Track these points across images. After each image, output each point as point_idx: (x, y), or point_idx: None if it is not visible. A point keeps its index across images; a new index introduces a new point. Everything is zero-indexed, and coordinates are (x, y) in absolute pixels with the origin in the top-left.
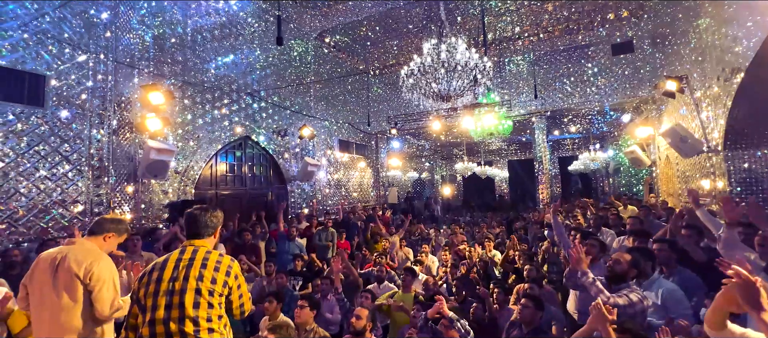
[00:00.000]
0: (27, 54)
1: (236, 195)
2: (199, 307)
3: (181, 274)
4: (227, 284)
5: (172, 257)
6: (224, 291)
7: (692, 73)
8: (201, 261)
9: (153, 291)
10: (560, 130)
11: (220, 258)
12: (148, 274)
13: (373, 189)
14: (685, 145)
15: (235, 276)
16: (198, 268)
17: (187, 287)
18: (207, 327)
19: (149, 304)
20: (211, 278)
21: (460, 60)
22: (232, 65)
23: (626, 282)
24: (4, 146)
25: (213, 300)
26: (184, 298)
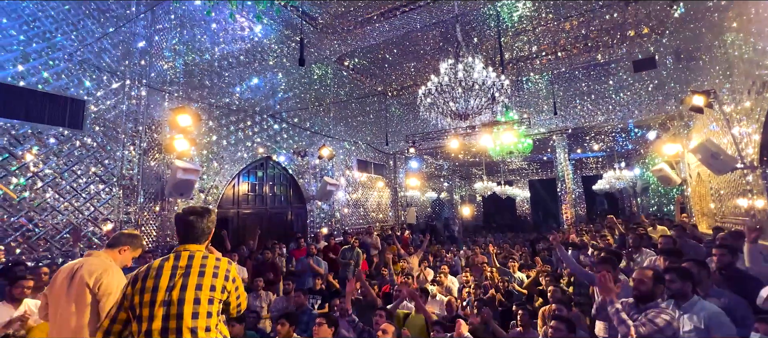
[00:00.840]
0: (70, 81)
1: (257, 214)
2: (198, 317)
3: (179, 283)
4: (226, 289)
5: (167, 264)
6: (223, 297)
7: (720, 87)
8: (198, 268)
9: (149, 300)
10: (583, 148)
11: (218, 263)
12: (142, 280)
13: (391, 210)
14: (717, 162)
15: (232, 280)
16: (196, 276)
17: (185, 298)
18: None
19: (146, 314)
20: (210, 285)
21: (477, 78)
22: (255, 88)
23: (654, 300)
24: (45, 166)
25: (212, 309)
26: (183, 309)
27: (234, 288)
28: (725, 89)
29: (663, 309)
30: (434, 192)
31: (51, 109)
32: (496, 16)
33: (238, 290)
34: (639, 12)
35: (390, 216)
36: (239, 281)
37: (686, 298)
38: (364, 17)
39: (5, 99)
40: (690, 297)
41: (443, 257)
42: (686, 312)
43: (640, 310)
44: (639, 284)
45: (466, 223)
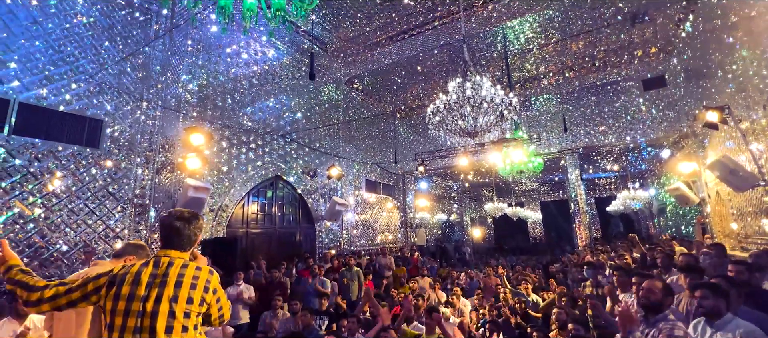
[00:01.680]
0: (89, 102)
1: (266, 233)
2: (172, 332)
3: (154, 294)
4: (205, 301)
5: (145, 270)
6: (201, 309)
7: (734, 104)
8: (176, 278)
9: (123, 309)
10: (595, 168)
11: (198, 273)
12: (117, 285)
13: (400, 231)
14: (736, 178)
15: (213, 291)
16: (172, 287)
17: (160, 311)
18: None
19: (118, 323)
20: (186, 297)
21: (485, 96)
22: (266, 109)
23: (663, 312)
24: (61, 184)
25: (188, 322)
26: (156, 323)
27: (214, 300)
28: (739, 106)
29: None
30: (444, 214)
31: (70, 128)
32: (503, 38)
33: (221, 302)
34: (646, 32)
35: (399, 237)
36: (221, 292)
37: (719, 316)
38: (373, 41)
39: (27, 118)
40: (724, 315)
41: (454, 279)
42: (720, 329)
43: (650, 324)
44: (649, 293)
45: (476, 246)
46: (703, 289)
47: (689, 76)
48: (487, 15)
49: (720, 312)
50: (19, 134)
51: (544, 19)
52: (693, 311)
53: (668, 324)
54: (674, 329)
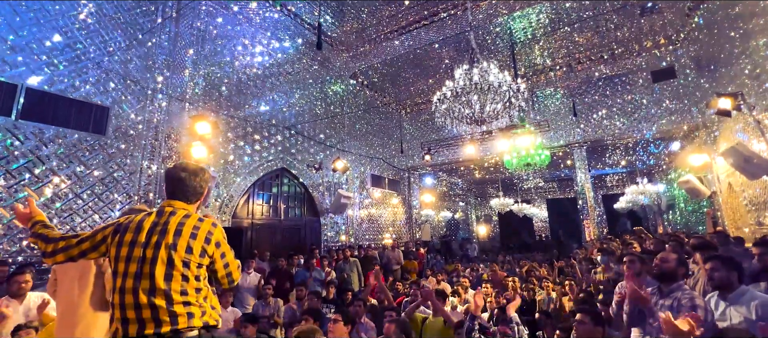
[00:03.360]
0: (96, 89)
1: (271, 226)
2: (172, 279)
3: (153, 240)
4: (206, 253)
5: (148, 219)
6: (203, 261)
7: (748, 93)
8: (175, 227)
9: (125, 255)
10: (603, 163)
11: (199, 224)
12: (121, 233)
13: (405, 226)
14: (750, 165)
15: (216, 244)
16: (172, 235)
17: (158, 256)
18: (181, 300)
19: (121, 269)
20: (185, 246)
21: (493, 82)
22: (272, 102)
23: (677, 281)
24: (68, 169)
25: (188, 272)
26: (155, 269)
27: (219, 254)
28: (753, 94)
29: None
30: (449, 211)
31: (77, 115)
32: (509, 29)
33: (226, 258)
34: (654, 24)
35: (404, 232)
36: (226, 247)
37: (732, 288)
38: (379, 34)
39: (34, 103)
40: (736, 287)
41: (460, 272)
42: (733, 303)
43: (664, 294)
44: (662, 263)
45: (482, 244)
46: (714, 261)
47: (700, 66)
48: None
49: (731, 285)
50: (27, 118)
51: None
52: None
53: (686, 294)
54: (694, 299)
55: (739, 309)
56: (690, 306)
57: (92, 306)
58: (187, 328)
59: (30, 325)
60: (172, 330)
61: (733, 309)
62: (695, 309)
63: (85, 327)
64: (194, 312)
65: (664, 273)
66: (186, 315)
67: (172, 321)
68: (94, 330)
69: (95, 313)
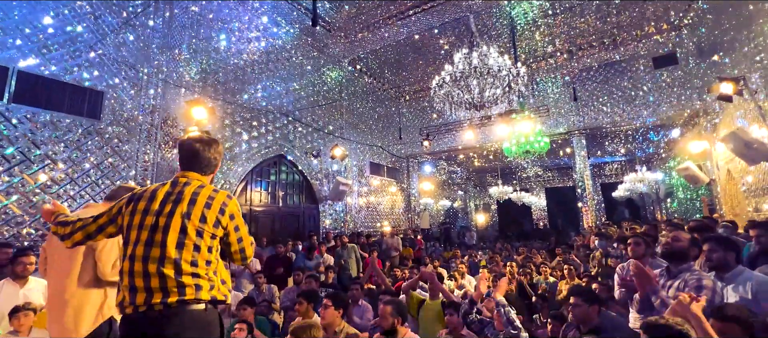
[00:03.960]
0: (89, 72)
1: (269, 213)
2: (183, 248)
3: (167, 209)
4: (220, 223)
5: (162, 189)
6: (217, 232)
7: (750, 78)
8: (190, 196)
9: (138, 223)
10: (602, 151)
11: (214, 194)
12: (135, 201)
13: (404, 214)
14: (750, 151)
15: (230, 216)
16: (186, 204)
17: (171, 224)
18: (191, 271)
19: (133, 237)
20: (200, 216)
21: (492, 65)
22: (269, 88)
23: (687, 262)
24: (63, 154)
25: (201, 242)
26: (167, 237)
27: (232, 227)
28: (756, 78)
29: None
30: (448, 200)
31: (71, 99)
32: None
33: (240, 231)
34: (657, 8)
35: (403, 220)
36: (241, 221)
37: (728, 268)
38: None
39: (27, 86)
40: (733, 268)
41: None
42: (729, 283)
43: (673, 275)
44: (674, 241)
45: (480, 232)
46: (711, 242)
47: (703, 51)
48: None
49: (728, 265)
50: (19, 102)
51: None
52: None
53: (694, 274)
54: (702, 279)
55: (736, 289)
56: (696, 287)
57: (84, 284)
58: (194, 300)
59: (28, 307)
60: (179, 300)
61: (730, 289)
62: (700, 289)
63: (77, 303)
64: (202, 285)
65: (674, 252)
66: (194, 287)
67: (179, 291)
68: (87, 307)
69: (87, 290)
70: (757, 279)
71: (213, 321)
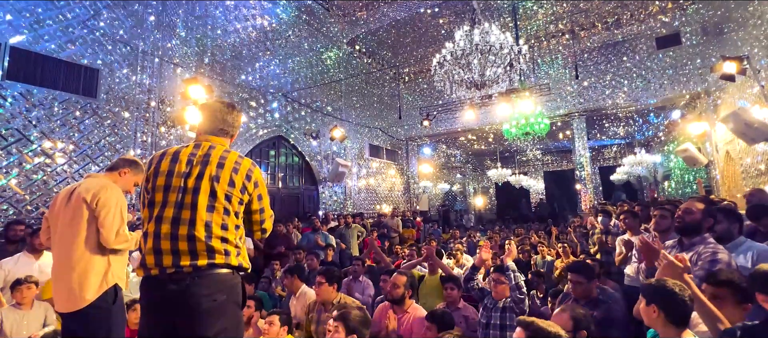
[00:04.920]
0: (84, 49)
1: (268, 194)
2: (214, 211)
3: (195, 171)
4: (246, 189)
5: (185, 150)
6: (243, 198)
7: (754, 57)
8: (218, 159)
9: (163, 184)
10: (601, 133)
11: (240, 160)
12: (156, 163)
13: (404, 196)
14: (751, 130)
15: (255, 183)
16: (214, 167)
17: (201, 187)
18: (221, 235)
19: (159, 199)
20: (229, 179)
21: (494, 42)
22: (268, 68)
23: (700, 234)
24: (60, 132)
25: (230, 206)
26: (197, 199)
27: (256, 195)
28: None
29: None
30: (447, 183)
31: (65, 76)
32: None
33: (263, 201)
34: None
35: (402, 203)
36: (264, 191)
37: (731, 239)
38: None
39: (20, 63)
40: (736, 238)
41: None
42: (731, 252)
43: (686, 247)
44: (686, 214)
45: (479, 215)
46: (719, 213)
47: (707, 32)
48: None
49: (732, 236)
50: (13, 79)
51: None
52: None
53: (708, 247)
54: (717, 253)
55: (736, 259)
56: (710, 260)
57: (88, 250)
58: (223, 265)
59: (30, 280)
60: (209, 263)
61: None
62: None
63: (82, 269)
64: (231, 250)
65: (687, 225)
66: (223, 252)
67: (209, 255)
68: (92, 273)
69: (91, 257)
70: (758, 250)
71: (237, 286)
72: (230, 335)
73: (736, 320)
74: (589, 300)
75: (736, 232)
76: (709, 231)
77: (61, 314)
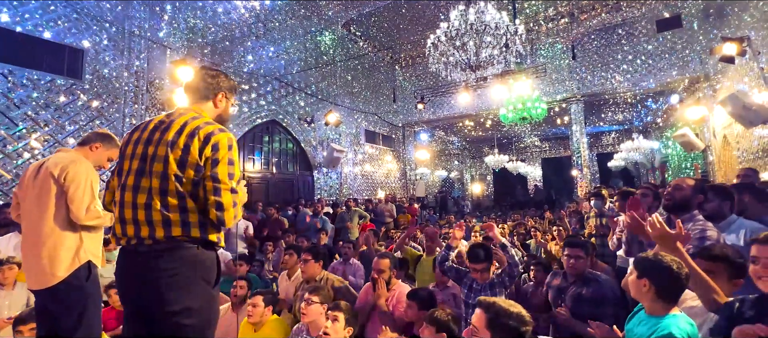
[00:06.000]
0: (67, 28)
1: (263, 178)
2: (168, 180)
3: (156, 137)
4: (203, 154)
5: (158, 117)
6: (200, 161)
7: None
8: (180, 125)
9: (130, 152)
10: (599, 119)
11: (203, 125)
12: (130, 133)
13: (400, 182)
14: (749, 113)
15: (213, 147)
16: (173, 132)
17: (157, 153)
18: (176, 204)
19: (126, 167)
20: (184, 144)
21: (489, 22)
22: (261, 51)
23: (690, 211)
24: (45, 113)
25: (184, 175)
26: (153, 167)
27: (211, 160)
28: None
29: (704, 221)
30: (445, 170)
31: (49, 57)
32: None
33: (219, 171)
34: None
35: (399, 189)
36: (224, 157)
37: (723, 218)
38: None
39: (2, 43)
40: (728, 217)
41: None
42: (723, 231)
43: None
44: (675, 191)
45: (477, 202)
46: (709, 192)
47: (708, 14)
48: None
49: (723, 214)
50: None
51: None
52: None
53: (697, 224)
54: (706, 230)
55: (728, 237)
56: (699, 238)
57: (57, 226)
58: (184, 238)
59: (12, 260)
60: (167, 236)
61: (723, 237)
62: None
63: (52, 245)
64: (191, 222)
65: (676, 203)
66: (180, 224)
67: (165, 226)
68: (62, 250)
69: (61, 233)
70: (751, 228)
71: (206, 261)
72: (198, 314)
73: (727, 295)
74: (582, 279)
75: (728, 211)
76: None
77: (34, 291)
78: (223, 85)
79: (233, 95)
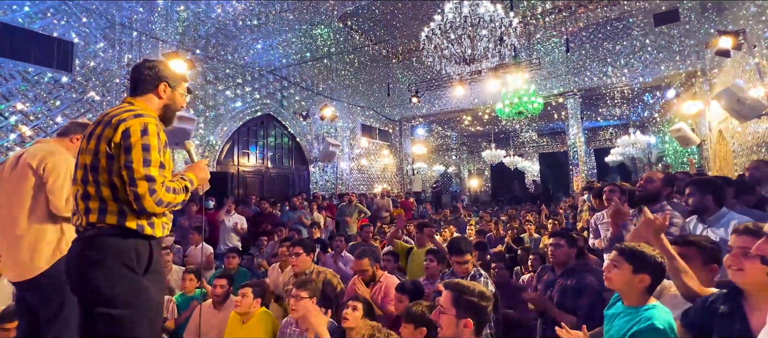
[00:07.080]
0: (56, 20)
1: (257, 172)
2: (95, 171)
3: (89, 131)
4: (112, 141)
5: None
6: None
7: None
8: (108, 117)
9: (83, 147)
10: (596, 114)
11: (122, 114)
12: None
13: (397, 177)
14: (743, 107)
15: (123, 133)
16: (102, 126)
17: (89, 146)
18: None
19: (80, 162)
20: (104, 135)
21: (483, 14)
22: (256, 45)
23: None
24: (34, 107)
25: (102, 165)
26: (86, 158)
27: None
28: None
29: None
30: (442, 165)
31: (38, 49)
32: None
33: (133, 158)
34: None
35: (396, 183)
36: (137, 143)
37: (709, 212)
38: None
39: None
40: (714, 211)
41: (447, 219)
42: (711, 226)
43: None
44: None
45: (474, 197)
46: (690, 186)
47: (705, 7)
48: None
49: (708, 208)
50: None
51: None
52: None
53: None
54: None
55: (716, 231)
56: None
57: (37, 219)
58: (100, 224)
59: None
60: (88, 223)
61: (710, 231)
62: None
63: (32, 238)
64: (110, 210)
65: (648, 194)
66: (97, 212)
67: (86, 214)
68: (42, 243)
69: (41, 226)
70: (740, 221)
71: (128, 249)
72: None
73: (703, 282)
74: (567, 269)
75: (712, 204)
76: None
77: (14, 283)
78: (164, 74)
79: (180, 84)
